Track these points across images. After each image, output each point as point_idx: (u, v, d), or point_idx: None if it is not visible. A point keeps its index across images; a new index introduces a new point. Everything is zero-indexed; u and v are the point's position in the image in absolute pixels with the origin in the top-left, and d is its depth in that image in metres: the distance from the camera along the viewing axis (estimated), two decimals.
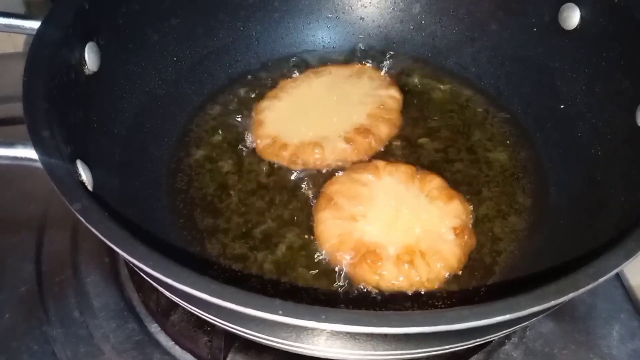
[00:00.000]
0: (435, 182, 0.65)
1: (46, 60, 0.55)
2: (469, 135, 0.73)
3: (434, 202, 0.64)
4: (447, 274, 0.60)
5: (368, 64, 0.79)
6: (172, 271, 0.41)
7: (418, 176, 0.66)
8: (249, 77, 0.79)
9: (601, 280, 0.41)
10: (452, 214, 0.63)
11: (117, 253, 0.66)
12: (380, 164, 0.68)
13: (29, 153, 0.48)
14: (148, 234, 0.53)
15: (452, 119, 0.75)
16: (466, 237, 0.62)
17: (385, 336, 0.42)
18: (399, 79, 0.78)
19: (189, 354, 0.62)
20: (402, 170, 0.67)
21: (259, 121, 0.73)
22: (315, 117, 0.72)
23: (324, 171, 0.70)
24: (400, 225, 0.62)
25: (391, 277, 0.59)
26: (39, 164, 0.48)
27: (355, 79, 0.76)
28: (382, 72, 0.78)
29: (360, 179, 0.66)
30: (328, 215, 0.64)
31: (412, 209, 0.63)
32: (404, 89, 0.77)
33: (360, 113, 0.72)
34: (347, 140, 0.70)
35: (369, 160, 0.70)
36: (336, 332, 0.41)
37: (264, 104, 0.74)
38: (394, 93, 0.75)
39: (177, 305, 0.63)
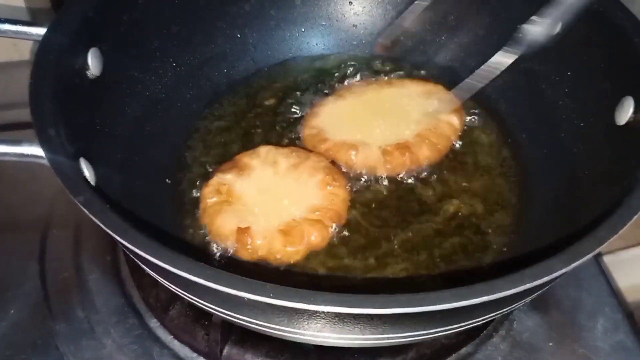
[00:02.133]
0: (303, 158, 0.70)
1: (52, 64, 0.58)
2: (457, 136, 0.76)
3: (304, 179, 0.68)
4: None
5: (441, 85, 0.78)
6: (171, 258, 0.43)
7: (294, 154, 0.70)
8: (246, 82, 0.81)
9: (574, 265, 0.44)
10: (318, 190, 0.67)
11: (118, 251, 0.70)
12: (263, 149, 0.71)
13: (35, 150, 0.51)
14: (148, 225, 0.56)
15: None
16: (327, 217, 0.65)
17: (371, 319, 0.44)
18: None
19: (187, 347, 0.64)
20: (282, 153, 0.70)
21: (314, 112, 0.75)
22: (367, 123, 0.73)
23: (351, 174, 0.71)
24: (273, 205, 0.66)
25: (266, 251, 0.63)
26: (44, 161, 0.51)
27: (424, 98, 0.76)
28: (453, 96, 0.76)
29: (244, 163, 0.69)
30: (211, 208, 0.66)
31: (282, 187, 0.67)
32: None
33: (411, 130, 0.72)
34: (384, 152, 0.70)
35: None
36: (324, 314, 0.43)
37: (328, 98, 0.77)
38: (454, 120, 0.74)
39: (175, 300, 0.65)
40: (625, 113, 0.60)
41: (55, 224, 0.74)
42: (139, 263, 0.52)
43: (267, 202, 0.66)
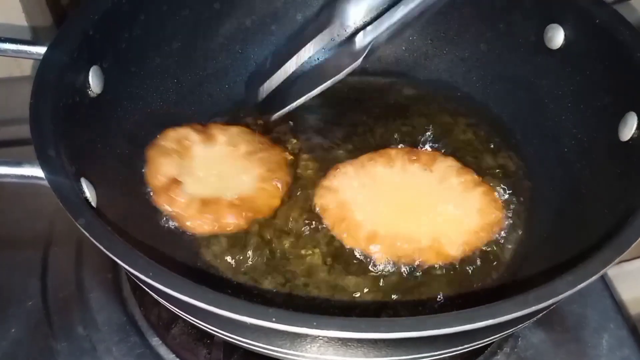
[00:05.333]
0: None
1: (52, 83, 0.57)
2: (460, 152, 0.75)
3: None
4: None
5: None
6: (171, 281, 0.43)
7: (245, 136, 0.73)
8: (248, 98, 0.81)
9: (580, 286, 0.43)
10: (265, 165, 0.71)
11: (120, 269, 0.70)
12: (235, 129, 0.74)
13: (35, 172, 0.51)
14: (149, 248, 0.55)
15: (444, 136, 0.77)
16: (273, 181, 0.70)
17: (375, 342, 0.44)
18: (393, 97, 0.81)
19: None
20: (247, 139, 0.73)
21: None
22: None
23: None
24: (213, 177, 0.69)
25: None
26: (45, 182, 0.51)
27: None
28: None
29: (213, 133, 0.73)
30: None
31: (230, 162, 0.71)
32: (399, 105, 0.79)
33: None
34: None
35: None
36: (328, 338, 0.43)
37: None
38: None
39: (177, 319, 0.65)
40: (628, 129, 0.60)
41: (56, 241, 0.73)
42: (141, 285, 0.52)
43: (210, 173, 0.69)
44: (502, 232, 0.67)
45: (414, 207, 0.67)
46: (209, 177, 0.69)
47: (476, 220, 0.66)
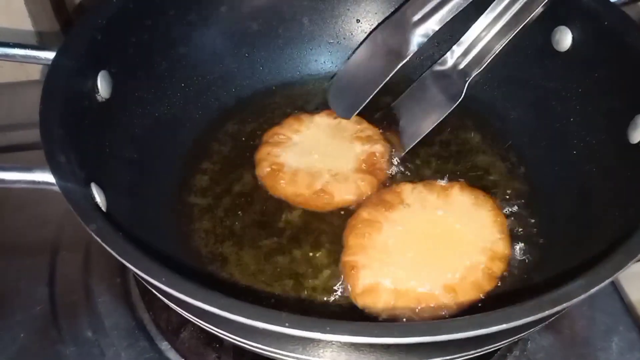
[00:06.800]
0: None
1: (61, 89, 0.58)
2: (466, 156, 0.75)
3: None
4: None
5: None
6: (184, 287, 0.43)
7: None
8: (255, 101, 0.81)
9: (592, 291, 0.43)
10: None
11: (128, 274, 0.70)
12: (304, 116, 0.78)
13: (46, 177, 0.51)
14: (159, 252, 0.55)
15: (450, 140, 0.77)
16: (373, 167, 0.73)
17: (388, 347, 0.44)
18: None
19: None
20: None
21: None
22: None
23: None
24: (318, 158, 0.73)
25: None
26: (55, 188, 0.51)
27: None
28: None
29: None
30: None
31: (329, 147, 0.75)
32: None
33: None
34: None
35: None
36: (341, 343, 0.43)
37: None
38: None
39: (186, 323, 0.65)
40: (638, 131, 0.60)
41: (64, 247, 0.73)
42: (152, 290, 0.52)
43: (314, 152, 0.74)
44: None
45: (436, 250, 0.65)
46: (312, 155, 0.74)
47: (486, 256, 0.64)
